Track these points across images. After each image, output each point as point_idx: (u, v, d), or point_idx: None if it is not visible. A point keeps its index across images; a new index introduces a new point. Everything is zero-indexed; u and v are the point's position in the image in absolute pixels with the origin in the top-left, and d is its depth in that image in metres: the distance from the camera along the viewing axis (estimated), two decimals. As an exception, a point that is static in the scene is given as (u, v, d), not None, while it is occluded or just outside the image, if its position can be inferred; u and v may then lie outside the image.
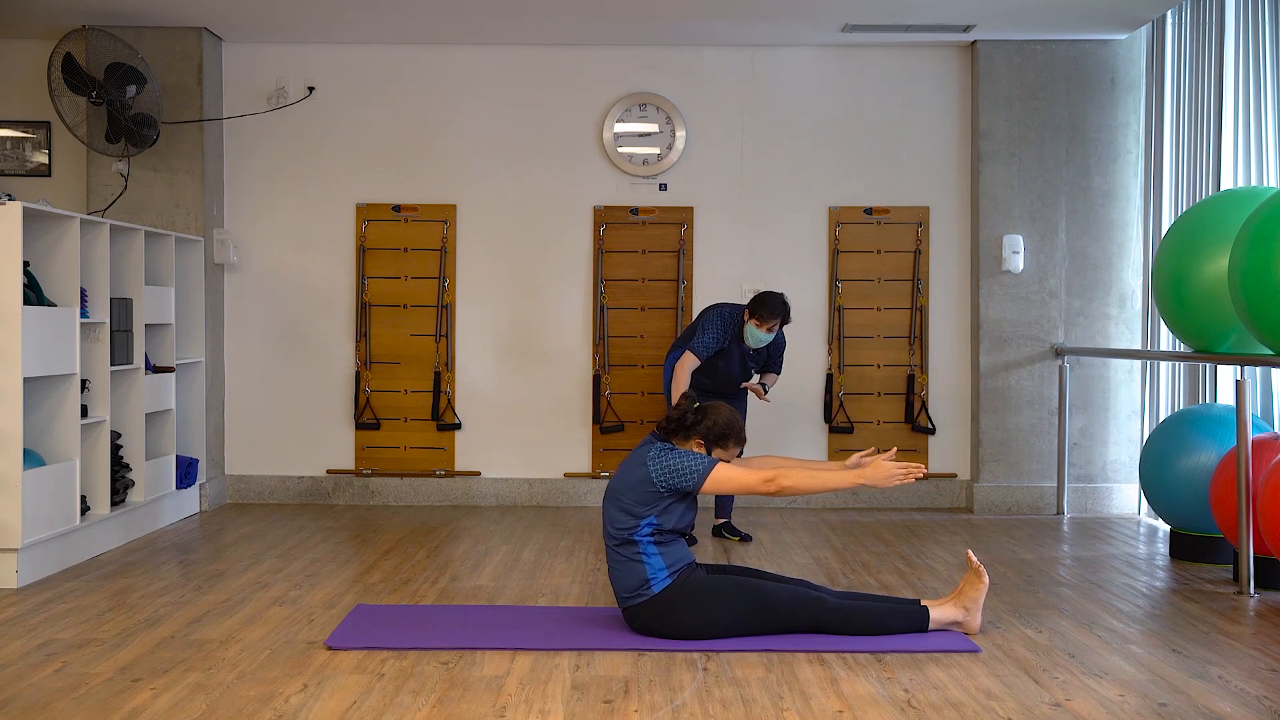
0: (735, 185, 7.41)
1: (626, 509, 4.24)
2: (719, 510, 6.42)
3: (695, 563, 4.36)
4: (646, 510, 4.22)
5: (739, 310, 6.17)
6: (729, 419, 4.38)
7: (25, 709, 3.50)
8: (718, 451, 4.37)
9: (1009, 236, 7.19)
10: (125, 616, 4.56)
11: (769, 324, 6.03)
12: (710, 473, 4.20)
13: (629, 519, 4.23)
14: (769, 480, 4.18)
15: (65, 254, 5.57)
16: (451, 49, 7.39)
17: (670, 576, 4.21)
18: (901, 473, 4.23)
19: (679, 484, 4.21)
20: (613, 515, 4.28)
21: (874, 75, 7.40)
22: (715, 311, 6.17)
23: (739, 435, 4.41)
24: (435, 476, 7.40)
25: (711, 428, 4.36)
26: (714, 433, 4.36)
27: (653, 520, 4.22)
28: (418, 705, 3.54)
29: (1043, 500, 7.21)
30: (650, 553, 4.22)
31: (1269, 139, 5.76)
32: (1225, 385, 6.15)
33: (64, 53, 6.54)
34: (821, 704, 3.57)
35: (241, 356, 7.41)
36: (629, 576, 4.23)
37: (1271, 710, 3.53)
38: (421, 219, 7.40)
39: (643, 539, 4.22)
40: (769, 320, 6.02)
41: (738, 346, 6.13)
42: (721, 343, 6.08)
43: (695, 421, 4.37)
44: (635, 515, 4.23)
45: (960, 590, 4.35)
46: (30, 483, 5.14)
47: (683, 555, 4.31)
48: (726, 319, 6.13)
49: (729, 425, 4.38)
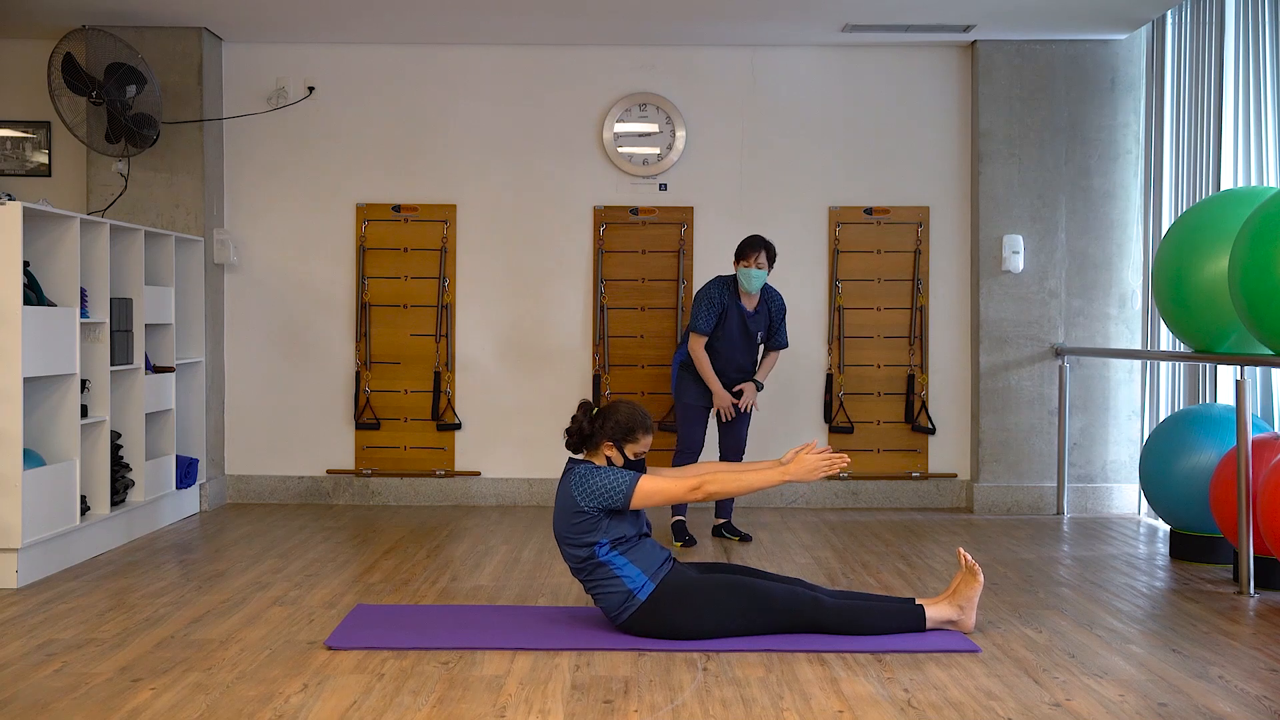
0: (735, 185, 7.41)
1: (574, 543, 4.25)
2: (719, 511, 6.42)
3: (673, 559, 4.36)
4: (593, 536, 4.23)
5: (727, 276, 6.26)
6: (629, 412, 4.36)
7: (25, 709, 3.50)
8: (630, 447, 4.34)
9: (1009, 236, 7.19)
10: (125, 616, 4.56)
11: (753, 259, 6.09)
12: (636, 488, 4.21)
13: (582, 550, 4.24)
14: (695, 488, 4.25)
15: (65, 254, 5.57)
16: (451, 49, 7.39)
17: (652, 580, 4.21)
18: (825, 464, 4.30)
19: (608, 504, 4.21)
20: (567, 554, 4.30)
21: (874, 75, 7.40)
22: (703, 287, 6.25)
23: (644, 425, 4.37)
24: (435, 476, 7.40)
25: (615, 428, 4.34)
26: (619, 431, 4.34)
27: (603, 540, 4.23)
28: (418, 705, 3.54)
29: (1043, 500, 7.21)
30: (621, 564, 4.23)
31: (1269, 139, 5.76)
32: (1225, 385, 6.15)
33: (64, 53, 6.54)
34: (821, 704, 3.57)
35: (241, 356, 7.41)
36: (612, 595, 4.23)
37: (1271, 710, 3.53)
38: (421, 219, 7.40)
39: (606, 557, 4.23)
40: (751, 255, 6.10)
41: (735, 309, 6.16)
42: (718, 309, 6.13)
43: (597, 427, 4.36)
44: (585, 545, 4.23)
45: (954, 589, 4.35)
46: (30, 483, 5.14)
47: (655, 556, 4.30)
48: (714, 286, 6.21)
49: (630, 418, 4.35)
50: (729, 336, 6.19)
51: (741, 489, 4.33)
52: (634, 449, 4.35)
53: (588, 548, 4.24)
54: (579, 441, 4.41)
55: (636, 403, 4.49)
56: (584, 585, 4.32)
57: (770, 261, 6.17)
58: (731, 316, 6.17)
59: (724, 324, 6.17)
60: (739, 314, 6.19)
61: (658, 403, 7.31)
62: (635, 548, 4.27)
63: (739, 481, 4.32)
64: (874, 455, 7.38)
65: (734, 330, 6.19)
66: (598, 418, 4.37)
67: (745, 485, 4.32)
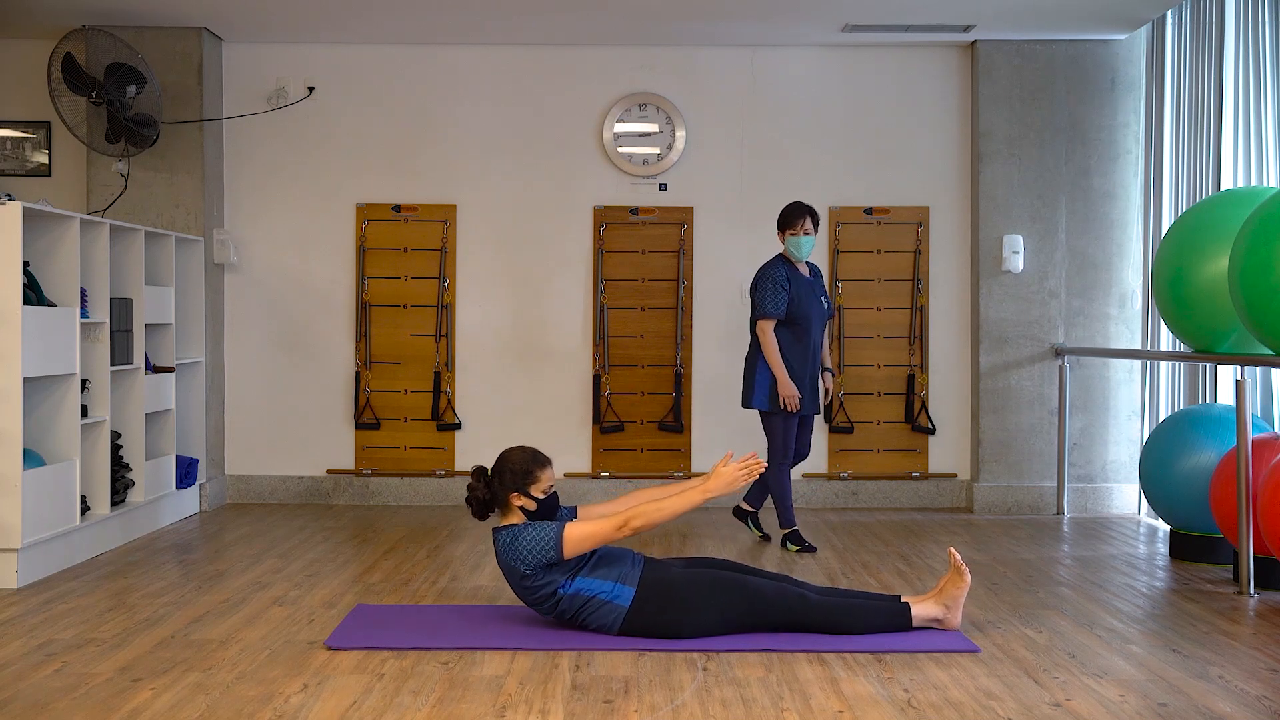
0: (735, 185, 7.41)
1: (539, 599, 4.24)
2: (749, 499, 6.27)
3: (639, 556, 4.35)
4: (550, 585, 4.21)
5: (775, 256, 6.06)
6: (519, 456, 4.34)
7: (25, 709, 3.50)
8: (535, 488, 4.31)
9: (1009, 236, 7.19)
10: (125, 616, 4.56)
11: (800, 225, 5.89)
12: (563, 540, 4.18)
13: (548, 601, 4.23)
14: (620, 526, 4.20)
15: (65, 254, 5.57)
16: (451, 49, 7.39)
17: (625, 582, 4.21)
18: (744, 473, 4.29)
19: (544, 559, 4.19)
20: (542, 610, 4.28)
21: (874, 75, 7.40)
22: (761, 270, 6.01)
23: (539, 461, 4.35)
24: (435, 476, 7.40)
25: (513, 477, 4.32)
26: (517, 479, 4.31)
27: (562, 580, 4.21)
28: (418, 705, 3.54)
29: (1043, 500, 7.21)
30: (590, 585, 4.22)
31: (1269, 139, 5.76)
32: (1225, 385, 6.15)
33: (64, 53, 6.54)
34: (821, 704, 3.57)
35: (241, 356, 7.41)
36: (599, 617, 4.22)
37: (1271, 710, 3.53)
38: (421, 219, 7.40)
39: (574, 588, 4.21)
40: (798, 221, 5.90)
41: (802, 284, 5.93)
42: (784, 287, 5.89)
43: (495, 486, 4.34)
44: (549, 595, 4.22)
45: (942, 588, 4.36)
46: (30, 483, 5.14)
47: (617, 559, 4.29)
48: (773, 266, 5.97)
49: (522, 461, 4.33)
50: (804, 317, 5.91)
51: (665, 516, 4.26)
52: (539, 488, 4.32)
53: (552, 596, 4.23)
54: (484, 509, 4.39)
55: (524, 445, 4.47)
56: (574, 624, 4.28)
57: (815, 225, 5.97)
58: (803, 293, 5.90)
59: (799, 305, 5.91)
60: (806, 285, 5.94)
61: (658, 403, 7.32)
62: (593, 561, 4.27)
63: (662, 510, 4.25)
64: (874, 455, 7.38)
65: (808, 308, 5.91)
66: (492, 478, 4.36)
67: (669, 512, 4.27)
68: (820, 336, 6.06)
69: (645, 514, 4.23)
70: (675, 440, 7.38)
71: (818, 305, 6.00)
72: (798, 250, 5.95)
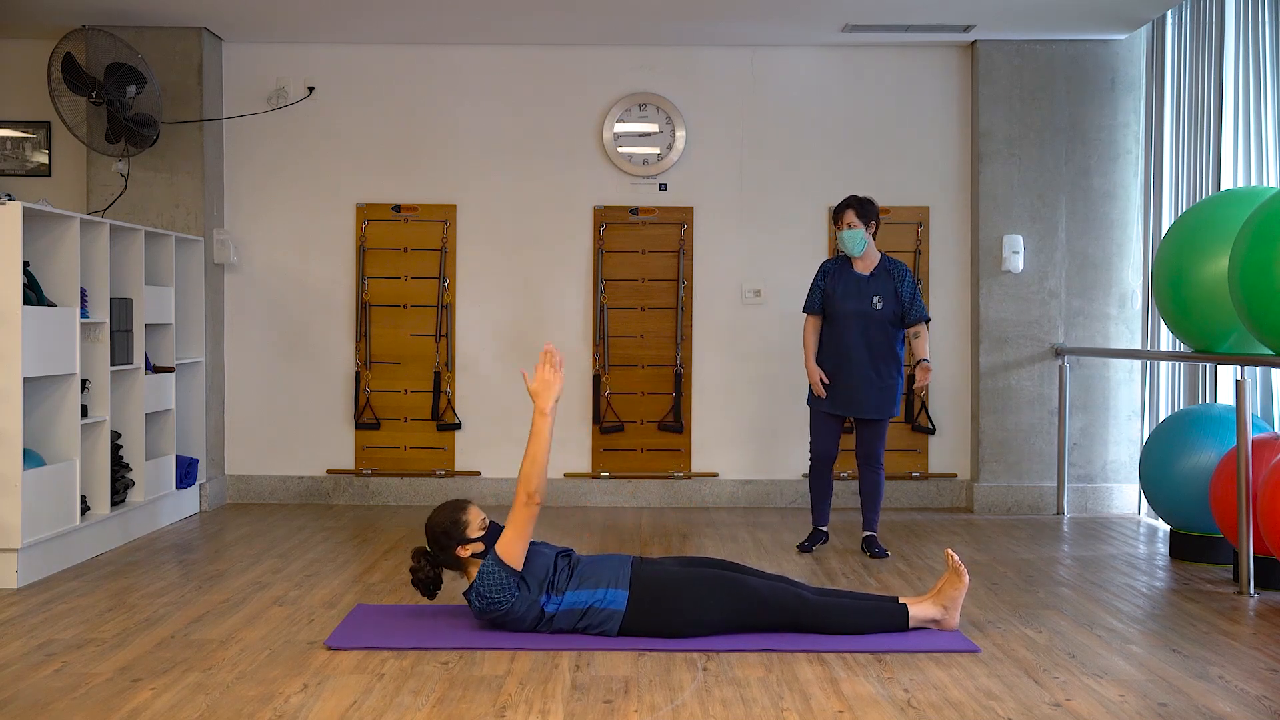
0: (735, 185, 7.41)
1: (530, 621, 4.22)
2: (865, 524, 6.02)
3: (626, 557, 4.35)
4: (534, 609, 4.21)
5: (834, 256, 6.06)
6: (437, 518, 4.32)
7: (25, 709, 3.50)
8: (470, 531, 4.28)
9: (1009, 236, 7.19)
10: (125, 616, 4.56)
11: (843, 221, 5.86)
12: (501, 554, 4.18)
13: (540, 619, 4.22)
14: (524, 502, 4.19)
15: (65, 254, 5.57)
16: (451, 49, 7.39)
17: (619, 587, 4.20)
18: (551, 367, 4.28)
19: (508, 582, 4.17)
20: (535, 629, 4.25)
21: (874, 75, 7.40)
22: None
23: (461, 507, 4.33)
24: (435, 476, 7.40)
25: (446, 536, 4.29)
26: (452, 534, 4.28)
27: (544, 601, 4.21)
28: (418, 705, 3.54)
29: (1043, 500, 7.21)
30: (580, 598, 4.20)
31: (1269, 139, 5.76)
32: (1225, 385, 6.15)
33: (64, 53, 6.54)
34: (821, 704, 3.57)
35: (241, 356, 7.41)
36: (599, 624, 4.21)
37: (1271, 710, 3.53)
38: (421, 219, 7.40)
39: (562, 604, 4.21)
40: (840, 217, 5.87)
41: (849, 278, 5.88)
42: (818, 287, 5.92)
43: (441, 554, 4.33)
44: (535, 614, 4.21)
45: (939, 589, 4.36)
46: (30, 483, 5.14)
47: (599, 567, 4.28)
48: (825, 263, 6.04)
49: (447, 516, 4.31)
50: (840, 315, 5.86)
51: (538, 462, 4.19)
52: (473, 529, 4.30)
53: (542, 616, 4.22)
54: (434, 583, 4.40)
55: (441, 502, 4.49)
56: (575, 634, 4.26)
57: (864, 217, 5.85)
58: (845, 290, 5.86)
59: (834, 302, 5.88)
60: (854, 281, 5.87)
61: (658, 403, 7.31)
62: (578, 575, 4.25)
63: (532, 461, 4.20)
64: (874, 455, 7.37)
65: (845, 306, 5.85)
66: (431, 551, 4.37)
67: (534, 455, 4.20)
68: (862, 336, 5.84)
69: (525, 475, 4.21)
70: (675, 440, 7.38)
71: (862, 303, 5.86)
72: (843, 245, 5.91)
